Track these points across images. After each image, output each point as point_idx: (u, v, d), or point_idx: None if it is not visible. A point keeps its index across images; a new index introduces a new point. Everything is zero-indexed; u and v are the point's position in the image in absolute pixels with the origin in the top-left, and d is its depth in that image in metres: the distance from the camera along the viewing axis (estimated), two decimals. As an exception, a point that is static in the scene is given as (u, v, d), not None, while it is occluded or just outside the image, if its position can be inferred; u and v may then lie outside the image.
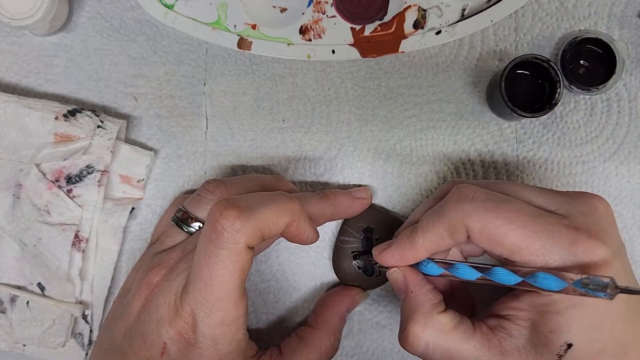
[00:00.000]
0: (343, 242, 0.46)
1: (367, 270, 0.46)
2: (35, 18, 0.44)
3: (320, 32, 0.49)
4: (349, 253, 0.46)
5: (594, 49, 0.48)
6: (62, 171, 0.45)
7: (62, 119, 0.46)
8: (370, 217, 0.46)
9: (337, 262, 0.46)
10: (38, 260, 0.45)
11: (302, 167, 0.49)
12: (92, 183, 0.45)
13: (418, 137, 0.49)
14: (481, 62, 0.49)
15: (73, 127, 0.45)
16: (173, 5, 0.48)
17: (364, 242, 0.46)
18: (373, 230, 0.46)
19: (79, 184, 0.45)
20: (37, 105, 0.46)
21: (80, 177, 0.45)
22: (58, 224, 0.45)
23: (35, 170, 0.45)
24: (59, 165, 0.45)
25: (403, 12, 0.48)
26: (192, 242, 0.40)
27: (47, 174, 0.45)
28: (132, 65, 0.49)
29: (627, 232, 0.48)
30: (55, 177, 0.45)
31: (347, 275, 0.46)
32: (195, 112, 0.49)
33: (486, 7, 0.48)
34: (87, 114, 0.46)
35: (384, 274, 0.46)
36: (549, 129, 0.49)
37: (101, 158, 0.46)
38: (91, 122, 0.46)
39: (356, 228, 0.46)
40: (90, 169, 0.46)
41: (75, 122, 0.46)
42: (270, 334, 0.48)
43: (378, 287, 0.47)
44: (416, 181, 0.49)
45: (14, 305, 0.45)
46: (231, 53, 0.49)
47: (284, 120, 0.49)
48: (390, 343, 0.48)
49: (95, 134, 0.46)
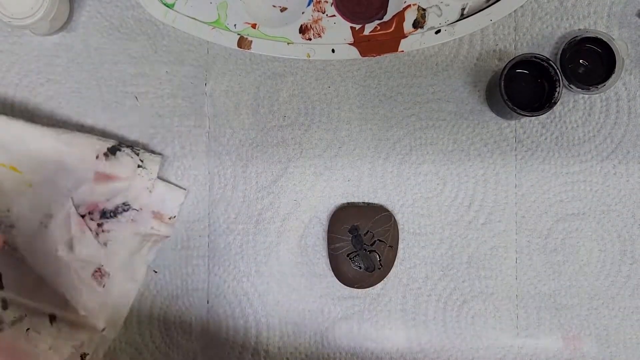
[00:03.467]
0: (335, 250, 0.47)
1: (369, 266, 0.46)
2: (35, 18, 0.44)
3: (320, 32, 0.49)
4: (344, 257, 0.46)
5: (593, 49, 0.48)
6: (97, 205, 0.45)
7: (103, 157, 0.45)
8: (351, 215, 0.47)
9: (336, 269, 0.47)
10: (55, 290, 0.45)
11: (302, 166, 0.49)
12: (125, 220, 0.45)
13: (418, 136, 0.49)
14: (481, 62, 0.49)
15: (114, 167, 0.45)
16: (173, 4, 0.48)
17: (354, 241, 0.46)
18: (358, 227, 0.46)
19: (112, 219, 0.45)
20: (75, 142, 0.45)
21: (115, 213, 0.45)
22: (79, 260, 0.45)
23: (69, 204, 0.45)
24: (96, 199, 0.45)
25: (403, 11, 0.48)
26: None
27: (80, 207, 0.45)
28: (133, 64, 0.49)
29: (628, 232, 0.49)
30: (90, 210, 0.45)
31: (352, 278, 0.47)
32: (196, 111, 0.49)
33: (486, 6, 0.48)
34: (127, 152, 0.46)
35: (385, 265, 0.46)
36: (547, 128, 0.49)
37: (138, 197, 0.45)
38: (132, 162, 0.45)
39: (342, 232, 0.47)
40: (127, 206, 0.45)
41: (116, 161, 0.45)
42: (270, 336, 0.49)
43: (382, 279, 0.47)
44: (415, 180, 0.49)
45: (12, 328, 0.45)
46: (232, 52, 0.49)
47: (284, 118, 0.49)
48: (389, 342, 0.48)
49: (136, 174, 0.45)
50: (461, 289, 0.49)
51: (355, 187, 0.49)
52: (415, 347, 0.48)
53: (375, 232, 0.46)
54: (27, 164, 0.46)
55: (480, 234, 0.49)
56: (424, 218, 0.49)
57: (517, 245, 0.49)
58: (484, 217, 0.49)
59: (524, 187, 0.49)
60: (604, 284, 0.49)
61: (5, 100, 0.49)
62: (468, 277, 0.49)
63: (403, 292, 0.48)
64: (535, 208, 0.49)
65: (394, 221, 0.47)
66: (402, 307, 0.48)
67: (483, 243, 0.49)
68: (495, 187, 0.49)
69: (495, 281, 0.49)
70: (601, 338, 0.48)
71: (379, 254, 0.46)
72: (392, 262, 0.47)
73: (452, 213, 0.49)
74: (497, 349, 0.48)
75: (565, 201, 0.49)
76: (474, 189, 0.49)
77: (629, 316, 0.49)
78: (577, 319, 0.48)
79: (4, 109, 0.48)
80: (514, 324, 0.48)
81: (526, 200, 0.49)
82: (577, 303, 0.49)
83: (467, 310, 0.48)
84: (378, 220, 0.47)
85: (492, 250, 0.49)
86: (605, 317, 0.49)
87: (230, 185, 0.49)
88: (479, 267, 0.49)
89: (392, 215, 0.47)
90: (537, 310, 0.49)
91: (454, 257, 0.49)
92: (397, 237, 0.47)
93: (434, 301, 0.48)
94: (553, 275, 0.49)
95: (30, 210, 0.46)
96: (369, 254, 0.46)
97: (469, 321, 0.48)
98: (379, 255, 0.46)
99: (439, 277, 0.49)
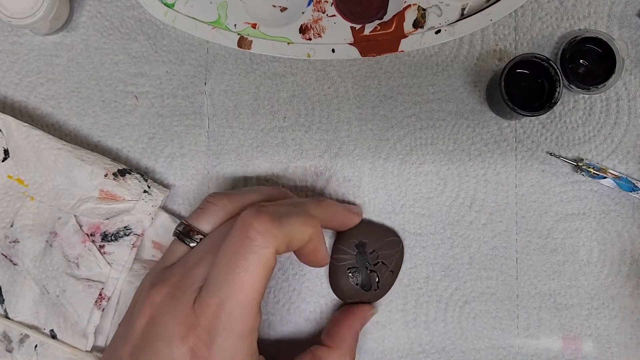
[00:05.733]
0: (337, 260, 0.46)
1: (365, 285, 0.46)
2: (36, 17, 0.44)
3: (320, 31, 0.49)
4: (345, 270, 0.46)
5: (593, 48, 0.48)
6: (99, 227, 0.45)
7: (112, 177, 0.45)
8: (361, 231, 0.47)
9: (334, 280, 0.47)
10: (56, 309, 0.45)
11: (303, 166, 0.49)
12: (126, 245, 0.45)
13: (418, 136, 0.49)
14: (481, 62, 0.49)
15: (120, 188, 0.45)
16: (173, 4, 0.48)
17: (358, 257, 0.46)
18: (365, 244, 0.46)
19: (114, 242, 0.45)
20: (89, 158, 0.45)
21: (116, 236, 0.45)
22: (85, 279, 0.45)
23: (73, 221, 0.45)
24: (98, 221, 0.45)
25: (403, 11, 0.48)
26: (194, 255, 0.39)
27: (83, 227, 0.45)
28: (133, 64, 0.49)
29: (627, 232, 0.49)
30: (91, 232, 0.45)
31: (346, 292, 0.46)
32: (196, 111, 0.49)
33: (486, 6, 0.48)
34: (136, 176, 0.46)
35: (382, 288, 0.46)
36: (547, 128, 0.49)
37: (140, 222, 0.45)
38: (139, 186, 0.45)
39: (349, 244, 0.46)
40: (128, 230, 0.45)
41: (123, 182, 0.45)
42: (271, 336, 0.48)
43: (375, 301, 0.47)
44: (416, 180, 0.49)
45: (21, 346, 0.45)
46: (232, 52, 0.49)
47: (284, 119, 0.49)
48: (390, 343, 0.48)
49: (141, 198, 0.45)
50: (462, 289, 0.49)
51: (355, 187, 0.49)
52: (417, 347, 0.48)
53: (381, 254, 0.46)
54: (34, 177, 0.46)
55: (482, 234, 0.49)
56: (425, 218, 0.49)
57: (518, 245, 0.49)
58: (486, 218, 0.49)
59: (524, 187, 0.49)
60: (604, 284, 0.49)
61: (5, 100, 0.49)
62: (469, 277, 0.49)
63: (404, 292, 0.48)
64: (535, 208, 0.49)
65: (401, 248, 0.47)
66: (403, 308, 0.48)
67: (484, 243, 0.49)
68: (496, 187, 0.49)
69: (496, 281, 0.49)
70: (602, 338, 0.48)
71: (378, 275, 0.46)
72: (388, 287, 0.47)
73: (453, 213, 0.49)
74: (498, 349, 0.48)
75: (565, 201, 0.49)
76: (475, 189, 0.49)
77: (629, 316, 0.49)
78: (578, 319, 0.48)
79: (4, 109, 0.48)
80: (514, 324, 0.48)
81: (526, 200, 0.49)
82: (577, 303, 0.49)
83: (469, 310, 0.48)
84: (386, 243, 0.46)
85: (493, 251, 0.49)
86: (605, 317, 0.49)
87: (230, 186, 0.49)
88: (480, 268, 0.49)
89: (400, 242, 0.47)
90: (538, 311, 0.49)
91: (456, 257, 0.49)
92: (400, 264, 0.47)
93: (434, 302, 0.48)
94: (553, 275, 0.49)
95: (33, 225, 0.45)
96: (369, 273, 0.46)
97: (470, 322, 0.48)
98: (378, 276, 0.46)
99: (440, 278, 0.49)
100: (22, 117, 0.47)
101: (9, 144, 0.46)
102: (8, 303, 0.45)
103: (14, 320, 0.45)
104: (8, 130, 0.45)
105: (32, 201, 0.46)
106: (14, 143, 0.45)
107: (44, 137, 0.45)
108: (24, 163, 0.46)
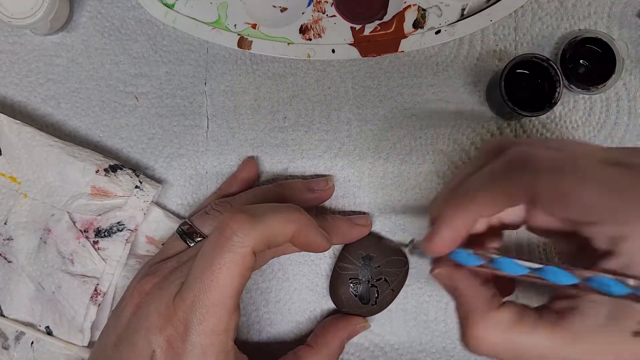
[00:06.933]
0: (342, 269, 0.46)
1: (364, 298, 0.46)
2: (36, 17, 0.44)
3: (320, 32, 0.49)
4: (346, 279, 0.46)
5: (593, 49, 0.48)
6: (92, 223, 0.45)
7: (103, 173, 0.45)
8: (371, 245, 0.46)
9: (334, 287, 0.47)
10: (52, 306, 0.45)
11: (303, 167, 0.49)
12: (120, 240, 0.45)
13: (418, 136, 0.49)
14: (481, 62, 0.49)
15: (112, 184, 0.45)
16: (173, 4, 0.48)
17: (362, 270, 0.46)
18: (372, 258, 0.46)
19: (107, 238, 0.45)
20: (81, 155, 0.45)
21: (109, 232, 0.45)
22: (80, 275, 0.45)
23: (66, 218, 0.45)
24: (91, 217, 0.45)
25: (403, 11, 0.48)
26: (189, 253, 0.41)
27: (77, 223, 0.45)
28: (133, 64, 0.49)
29: (626, 231, 0.49)
30: (85, 228, 0.45)
31: (343, 301, 0.46)
32: (196, 111, 0.49)
33: (486, 6, 0.48)
34: (128, 172, 0.46)
35: (379, 304, 0.46)
36: (548, 128, 0.49)
37: (133, 217, 0.45)
38: (130, 182, 0.45)
39: (356, 255, 0.46)
40: (121, 226, 0.45)
41: (115, 178, 0.45)
42: (271, 335, 0.48)
43: (370, 316, 0.47)
44: (416, 180, 0.49)
45: (17, 343, 0.45)
46: (232, 53, 0.49)
47: (284, 119, 0.49)
48: (390, 342, 0.48)
49: (133, 194, 0.45)
50: (462, 289, 0.48)
51: (355, 187, 0.49)
52: (417, 346, 0.48)
53: (385, 271, 0.46)
54: (26, 174, 0.46)
55: (481, 234, 0.49)
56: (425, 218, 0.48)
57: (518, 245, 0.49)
58: (485, 217, 0.49)
59: (524, 187, 0.49)
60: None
61: (5, 100, 0.49)
62: (469, 277, 0.49)
63: (404, 292, 0.48)
64: (535, 208, 0.49)
65: (406, 269, 0.47)
66: (403, 307, 0.48)
67: (484, 243, 0.49)
68: (496, 187, 0.49)
69: (496, 281, 0.49)
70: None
71: (378, 291, 0.46)
72: (386, 305, 0.47)
73: (452, 213, 0.49)
74: (498, 349, 0.48)
75: (566, 201, 0.49)
76: (475, 189, 0.49)
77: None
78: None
79: (4, 109, 0.48)
80: (514, 324, 0.48)
81: (526, 201, 0.49)
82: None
83: (468, 310, 0.48)
84: (393, 261, 0.46)
85: (492, 250, 0.49)
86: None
87: (230, 186, 0.49)
88: (479, 267, 0.49)
89: (407, 263, 0.47)
90: (538, 311, 0.48)
91: (455, 257, 0.49)
92: (402, 285, 0.47)
93: (435, 302, 0.48)
94: (553, 276, 0.49)
95: (26, 222, 0.45)
96: (370, 287, 0.46)
97: (470, 321, 0.48)
98: (378, 292, 0.46)
99: (439, 277, 0.48)
100: (22, 117, 0.47)
101: (0, 142, 0.46)
102: (3, 301, 0.45)
103: (8, 317, 0.45)
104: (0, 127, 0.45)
105: (25, 198, 0.46)
106: (6, 140, 0.45)
107: (35, 134, 0.45)
108: (16, 160, 0.45)
